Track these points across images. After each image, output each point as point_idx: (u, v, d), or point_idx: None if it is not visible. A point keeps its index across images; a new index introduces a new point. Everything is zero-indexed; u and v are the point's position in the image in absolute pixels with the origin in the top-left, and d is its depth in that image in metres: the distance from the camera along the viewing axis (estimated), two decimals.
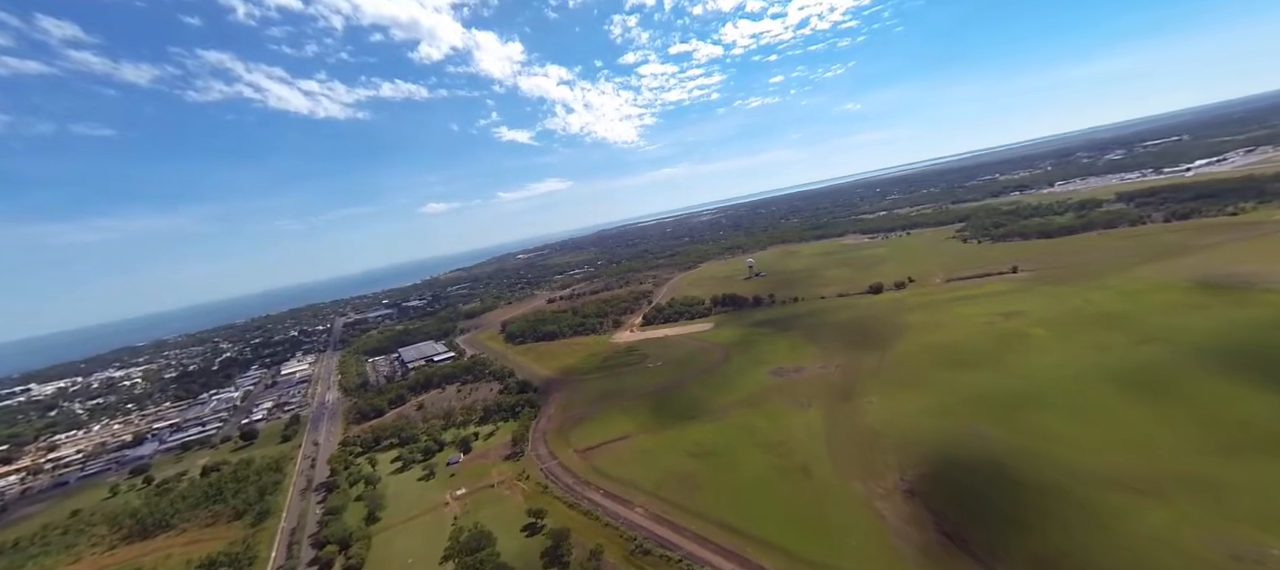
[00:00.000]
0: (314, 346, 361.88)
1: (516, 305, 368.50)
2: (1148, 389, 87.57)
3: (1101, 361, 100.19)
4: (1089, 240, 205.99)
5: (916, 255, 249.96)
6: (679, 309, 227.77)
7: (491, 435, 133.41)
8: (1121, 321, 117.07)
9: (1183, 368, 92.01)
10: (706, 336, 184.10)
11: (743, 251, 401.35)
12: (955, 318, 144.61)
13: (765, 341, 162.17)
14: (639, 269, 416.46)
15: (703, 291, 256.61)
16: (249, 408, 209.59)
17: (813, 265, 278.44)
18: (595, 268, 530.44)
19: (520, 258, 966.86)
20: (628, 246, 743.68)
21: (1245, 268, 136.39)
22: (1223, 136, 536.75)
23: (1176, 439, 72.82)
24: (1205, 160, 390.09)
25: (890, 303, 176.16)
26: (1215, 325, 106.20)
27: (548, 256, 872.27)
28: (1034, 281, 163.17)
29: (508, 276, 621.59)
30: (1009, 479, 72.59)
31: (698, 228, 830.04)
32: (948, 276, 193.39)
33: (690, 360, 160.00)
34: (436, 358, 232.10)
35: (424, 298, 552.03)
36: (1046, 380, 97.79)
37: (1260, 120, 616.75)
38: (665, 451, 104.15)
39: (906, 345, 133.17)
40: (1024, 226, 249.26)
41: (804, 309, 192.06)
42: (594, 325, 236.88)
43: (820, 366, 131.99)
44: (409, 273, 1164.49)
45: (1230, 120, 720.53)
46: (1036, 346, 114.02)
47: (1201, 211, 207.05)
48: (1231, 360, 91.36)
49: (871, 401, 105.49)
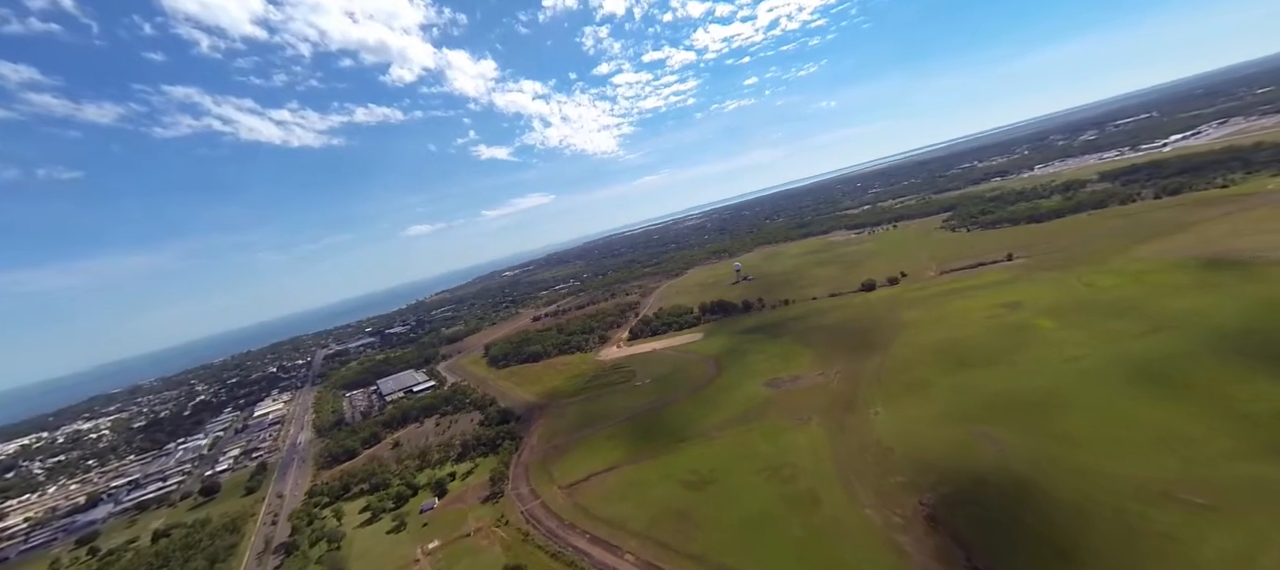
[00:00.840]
0: (292, 382, 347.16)
1: (501, 325, 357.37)
2: (1171, 382, 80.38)
3: (1117, 353, 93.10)
4: (1080, 221, 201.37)
5: (906, 248, 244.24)
6: (667, 319, 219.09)
7: (470, 474, 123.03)
8: (1130, 307, 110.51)
9: (1203, 356, 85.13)
10: (696, 348, 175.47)
11: (729, 255, 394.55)
12: (955, 312, 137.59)
13: (758, 349, 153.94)
14: (625, 280, 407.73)
15: (690, 299, 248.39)
16: (216, 457, 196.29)
17: (801, 265, 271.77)
18: (581, 281, 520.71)
19: (506, 275, 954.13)
20: (614, 257, 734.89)
21: (1246, 242, 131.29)
22: (1193, 111, 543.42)
23: (1218, 439, 65.37)
24: (1181, 135, 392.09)
25: (885, 300, 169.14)
26: (1229, 306, 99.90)
27: (534, 272, 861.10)
28: (1031, 268, 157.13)
29: (493, 295, 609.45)
30: (1040, 497, 64.53)
31: (683, 234, 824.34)
32: (941, 268, 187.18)
33: (680, 375, 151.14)
34: (416, 388, 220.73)
35: (408, 323, 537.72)
36: (1062, 377, 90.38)
37: (1226, 93, 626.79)
38: (657, 482, 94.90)
39: (907, 345, 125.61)
40: (1012, 212, 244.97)
41: (795, 312, 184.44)
42: (579, 343, 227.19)
43: (818, 374, 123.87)
44: (394, 298, 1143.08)
45: (1195, 96, 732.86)
46: (1045, 340, 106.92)
47: (1191, 185, 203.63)
48: (1253, 344, 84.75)
49: (877, 412, 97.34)
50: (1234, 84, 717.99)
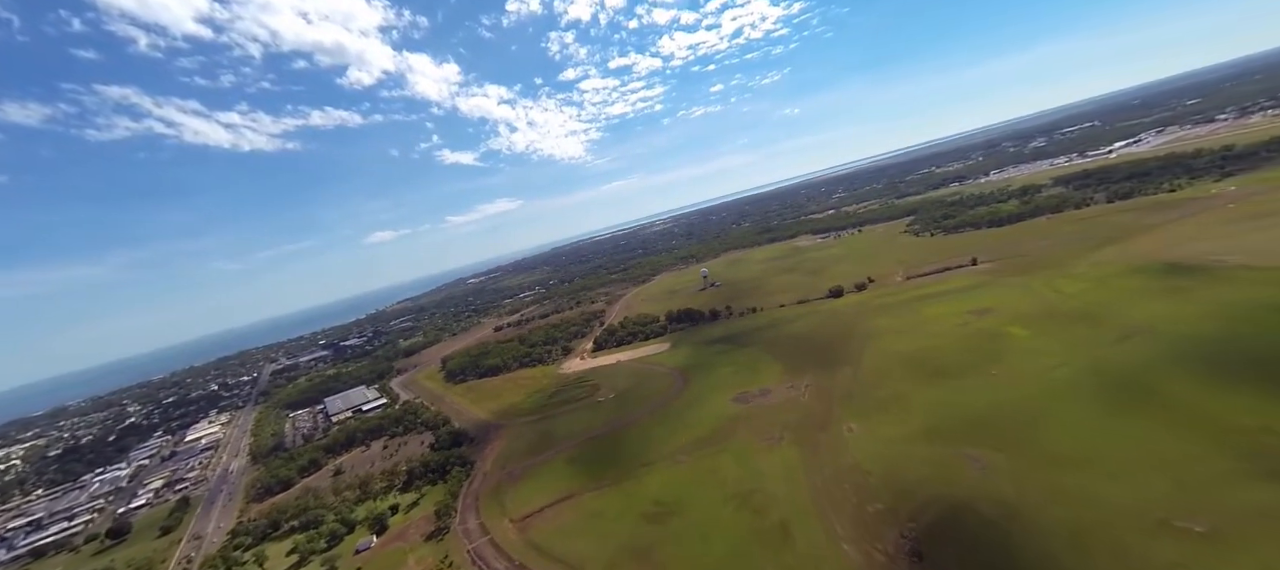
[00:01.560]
0: (233, 401, 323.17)
1: (461, 336, 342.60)
2: (1150, 395, 77.25)
3: (1092, 362, 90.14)
4: (1040, 225, 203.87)
5: (872, 252, 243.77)
6: (632, 329, 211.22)
7: (415, 505, 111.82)
8: (1098, 314, 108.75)
9: (1178, 365, 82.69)
10: (662, 359, 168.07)
11: (696, 261, 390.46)
12: (925, 319, 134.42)
13: (725, 361, 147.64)
14: (592, 287, 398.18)
15: (657, 307, 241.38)
16: (135, 490, 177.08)
17: (768, 271, 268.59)
18: (547, 288, 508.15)
19: (471, 282, 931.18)
20: (581, 263, 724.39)
21: (1201, 245, 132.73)
22: (1132, 120, 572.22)
23: (1208, 459, 61.56)
24: (1123, 142, 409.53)
25: (853, 306, 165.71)
26: (1194, 312, 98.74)
27: (499, 279, 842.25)
28: (997, 273, 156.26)
29: (456, 304, 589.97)
30: (1031, 526, 59.26)
31: (651, 239, 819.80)
32: (908, 273, 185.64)
33: (645, 389, 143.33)
34: (366, 407, 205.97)
35: (364, 335, 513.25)
36: (1039, 390, 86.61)
37: (1160, 104, 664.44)
38: (617, 515, 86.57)
39: (878, 355, 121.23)
40: (973, 216, 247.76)
41: (763, 320, 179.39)
42: (541, 354, 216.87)
43: (788, 387, 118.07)
44: (354, 307, 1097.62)
45: (1131, 106, 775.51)
46: (1018, 348, 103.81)
47: (1140, 190, 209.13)
48: (1226, 353, 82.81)
49: (851, 429, 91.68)
50: (1166, 96, 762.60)
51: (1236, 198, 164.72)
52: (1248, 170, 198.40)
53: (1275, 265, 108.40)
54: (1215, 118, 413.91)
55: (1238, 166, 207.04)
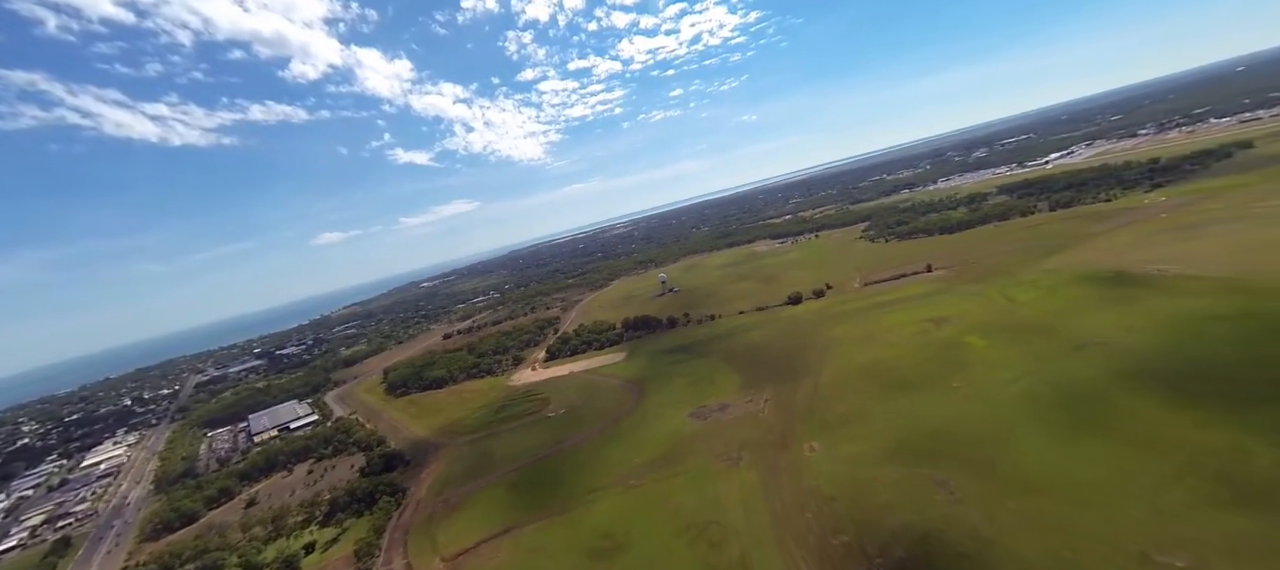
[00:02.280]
0: (147, 418, 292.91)
1: (408, 344, 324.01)
2: (1112, 411, 75.15)
3: (1052, 376, 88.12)
4: (988, 233, 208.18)
5: (829, 258, 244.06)
6: (587, 337, 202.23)
7: (334, 542, 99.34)
8: (1054, 324, 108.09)
9: (1135, 380, 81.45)
10: (617, 370, 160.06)
11: (655, 265, 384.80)
12: (884, 328, 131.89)
13: (682, 372, 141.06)
14: (548, 292, 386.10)
15: (613, 314, 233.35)
16: (8, 528, 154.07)
17: (727, 277, 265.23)
18: (502, 293, 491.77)
19: (424, 286, 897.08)
20: (539, 267, 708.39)
21: (1143, 254, 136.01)
22: (1063, 134, 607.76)
23: (1181, 482, 58.72)
24: (1058, 154, 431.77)
25: (812, 314, 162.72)
26: (1145, 322, 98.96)
27: (454, 283, 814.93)
28: (952, 280, 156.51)
29: (406, 309, 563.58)
30: (1006, 560, 54.52)
31: (610, 242, 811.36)
32: (865, 279, 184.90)
33: (598, 404, 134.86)
34: (294, 424, 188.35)
35: (304, 343, 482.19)
36: (1002, 405, 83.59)
37: (1087, 119, 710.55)
38: (561, 550, 77.82)
39: (839, 365, 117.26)
40: (926, 223, 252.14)
41: (722, 328, 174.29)
42: (490, 365, 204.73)
43: (747, 401, 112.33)
44: (298, 312, 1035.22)
45: (1062, 121, 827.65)
46: (977, 359, 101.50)
47: (1079, 199, 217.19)
48: (1179, 366, 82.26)
49: (813, 449, 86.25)
50: (1093, 112, 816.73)
51: (1168, 208, 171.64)
52: (1174, 182, 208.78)
53: (1211, 275, 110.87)
54: (1137, 133, 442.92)
55: (1165, 178, 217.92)
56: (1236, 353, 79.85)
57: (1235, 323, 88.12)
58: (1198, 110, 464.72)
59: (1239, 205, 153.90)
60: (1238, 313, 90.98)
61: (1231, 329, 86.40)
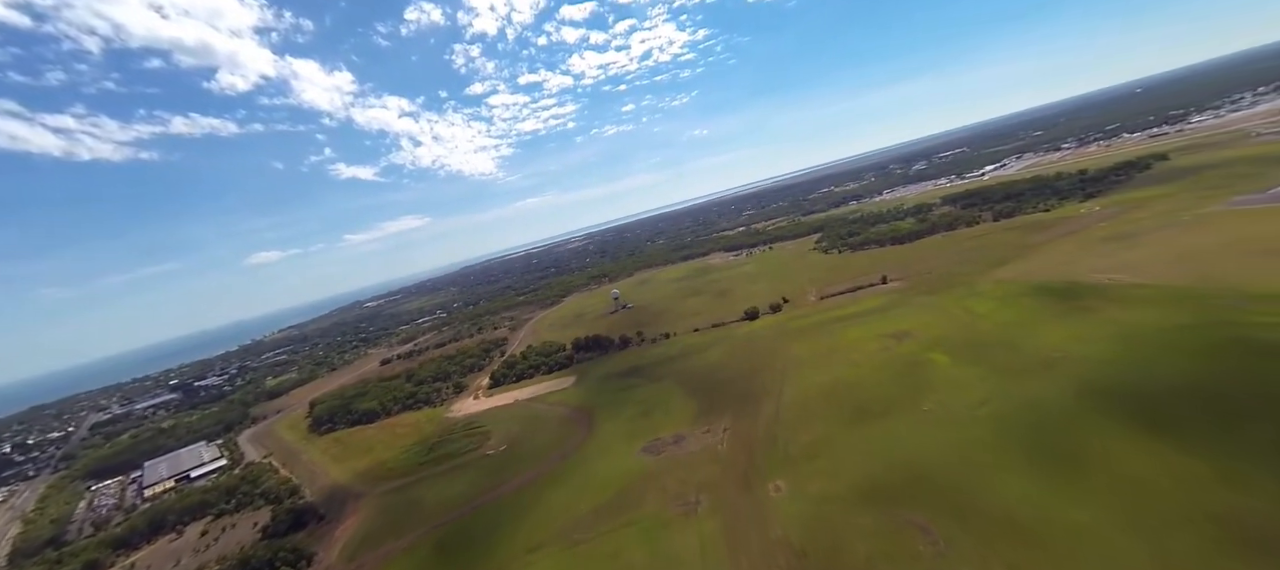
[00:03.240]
0: (25, 469, 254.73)
1: (342, 371, 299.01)
2: (1089, 436, 70.30)
3: (1022, 397, 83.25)
4: (938, 243, 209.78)
5: (784, 270, 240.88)
6: (535, 360, 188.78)
7: None
8: (1015, 339, 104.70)
9: (1108, 400, 77.60)
10: (565, 397, 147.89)
11: (609, 279, 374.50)
12: (844, 344, 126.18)
13: (634, 399, 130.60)
14: (497, 310, 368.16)
15: (564, 334, 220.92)
16: None
17: (681, 291, 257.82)
18: (449, 312, 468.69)
19: (368, 306, 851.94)
20: (490, 283, 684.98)
21: (1090, 262, 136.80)
22: (994, 147, 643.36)
23: (1181, 527, 52.96)
24: (992, 166, 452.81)
25: (770, 330, 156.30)
26: (1106, 334, 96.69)
27: (400, 302, 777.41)
28: (908, 292, 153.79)
29: (344, 332, 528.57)
30: None
31: (564, 257, 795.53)
32: (821, 292, 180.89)
33: (541, 438, 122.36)
34: (197, 472, 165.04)
35: (227, 372, 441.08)
36: (977, 432, 77.61)
37: (1012, 135, 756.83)
38: None
39: (800, 387, 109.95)
40: (877, 233, 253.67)
41: (676, 348, 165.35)
42: (429, 394, 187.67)
43: (703, 431, 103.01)
44: (227, 337, 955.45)
45: (990, 136, 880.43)
46: (943, 378, 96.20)
47: (1020, 209, 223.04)
48: (1148, 383, 79.07)
49: (778, 489, 77.42)
50: (1017, 128, 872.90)
51: (1103, 218, 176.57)
52: (1104, 192, 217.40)
53: (1160, 283, 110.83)
54: (1060, 146, 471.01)
55: (1095, 188, 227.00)
56: (1204, 367, 77.08)
57: (1197, 333, 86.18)
58: (1110, 126, 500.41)
59: (1167, 214, 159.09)
60: (1196, 323, 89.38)
61: (1195, 340, 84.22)
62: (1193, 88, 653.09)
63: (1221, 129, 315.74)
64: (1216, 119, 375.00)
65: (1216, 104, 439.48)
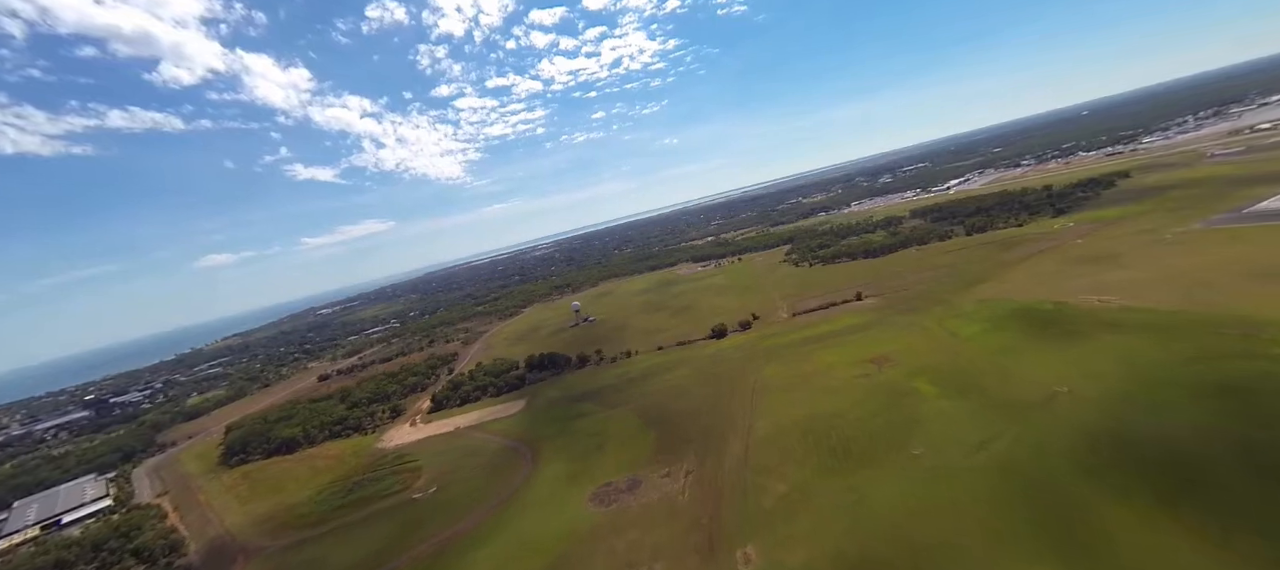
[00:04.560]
0: None
1: (276, 388, 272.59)
2: (1105, 497, 59.18)
3: (1027, 440, 72.22)
4: (911, 257, 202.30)
5: (754, 283, 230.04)
6: (483, 380, 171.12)
7: None
8: (1007, 366, 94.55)
9: (1122, 446, 67.24)
10: (510, 426, 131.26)
11: (573, 290, 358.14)
12: (820, 368, 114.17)
13: (586, 429, 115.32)
14: (453, 321, 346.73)
15: (519, 349, 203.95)
16: None
17: (646, 304, 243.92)
18: (404, 321, 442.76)
19: (322, 313, 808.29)
20: (451, 291, 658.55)
21: (1075, 283, 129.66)
22: (955, 163, 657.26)
23: None
24: (956, 181, 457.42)
25: (739, 350, 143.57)
26: (1112, 366, 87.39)
27: (356, 309, 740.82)
28: (885, 310, 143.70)
29: (288, 342, 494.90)
30: None
31: (530, 264, 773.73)
32: (793, 309, 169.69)
33: (477, 479, 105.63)
34: (70, 517, 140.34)
35: (152, 386, 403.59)
36: (974, 485, 65.74)
37: (972, 151, 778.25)
38: None
39: (772, 420, 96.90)
40: (848, 246, 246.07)
41: (637, 368, 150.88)
42: (362, 418, 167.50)
43: (662, 475, 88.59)
44: (167, 344, 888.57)
45: (950, 152, 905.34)
46: (932, 413, 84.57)
47: (992, 224, 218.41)
48: (1167, 426, 68.93)
49: (748, 558, 63.47)
50: (977, 144, 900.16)
51: (1079, 235, 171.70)
52: (1073, 209, 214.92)
53: (1155, 306, 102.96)
54: (1020, 163, 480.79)
55: (1063, 204, 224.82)
56: (1224, 409, 67.21)
57: (1207, 366, 76.92)
58: (1066, 145, 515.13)
59: (1146, 232, 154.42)
60: (1203, 354, 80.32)
61: (1207, 375, 74.79)
62: (1136, 111, 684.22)
63: (1174, 149, 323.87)
64: (1166, 140, 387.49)
65: (1164, 126, 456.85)
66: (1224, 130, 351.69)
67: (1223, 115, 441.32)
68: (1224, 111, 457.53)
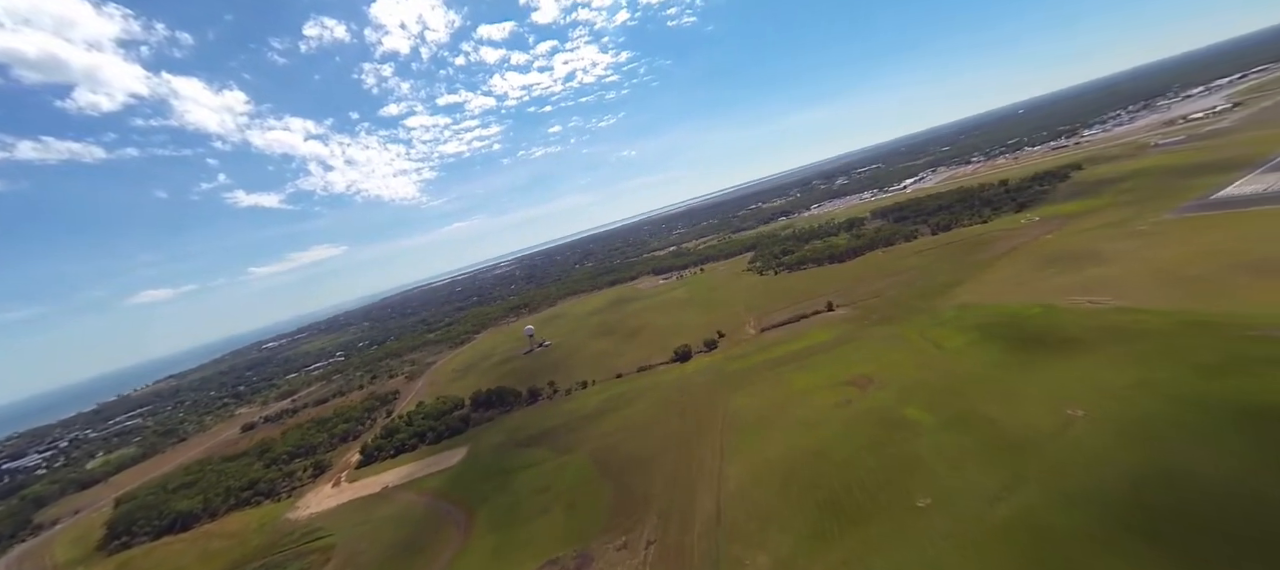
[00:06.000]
0: None
1: (192, 442, 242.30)
2: (1175, 551, 46.42)
3: (1052, 487, 59.80)
4: (878, 260, 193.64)
5: (718, 296, 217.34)
6: (421, 425, 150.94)
7: None
8: (1007, 384, 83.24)
9: (1174, 487, 55.27)
10: (445, 484, 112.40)
11: (530, 310, 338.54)
12: (796, 394, 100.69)
13: (532, 484, 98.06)
14: (401, 352, 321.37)
15: (466, 383, 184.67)
16: None
17: (605, 324, 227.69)
18: (351, 353, 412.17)
19: (267, 347, 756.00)
20: (406, 316, 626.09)
21: (1058, 282, 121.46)
22: (907, 163, 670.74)
23: None
24: (911, 180, 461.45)
25: (705, 375, 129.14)
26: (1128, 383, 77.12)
27: (303, 341, 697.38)
28: (860, 321, 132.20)
29: (226, 382, 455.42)
30: None
31: (489, 284, 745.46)
32: (761, 323, 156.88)
33: (397, 559, 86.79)
34: None
35: (56, 446, 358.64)
36: (1007, 553, 52.42)
37: (923, 150, 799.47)
38: None
39: (747, 465, 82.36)
40: (812, 251, 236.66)
41: (594, 401, 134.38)
42: (277, 480, 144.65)
43: (618, 546, 72.58)
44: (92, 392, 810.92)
45: (901, 153, 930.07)
46: (932, 451, 71.70)
47: (956, 221, 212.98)
48: (1223, 465, 57.25)
49: None
50: (925, 144, 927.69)
51: (1046, 230, 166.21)
52: (1033, 203, 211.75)
53: (1153, 307, 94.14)
54: (970, 160, 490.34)
55: (1023, 199, 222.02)
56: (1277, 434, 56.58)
57: (1239, 380, 66.74)
58: (1012, 140, 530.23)
59: (1115, 225, 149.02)
60: (1229, 365, 70.36)
61: (1242, 390, 64.44)
62: (1070, 108, 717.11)
63: (1116, 140, 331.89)
64: (1105, 132, 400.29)
65: (1101, 120, 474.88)
66: (1157, 121, 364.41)
67: (1151, 108, 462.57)
68: (1152, 104, 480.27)
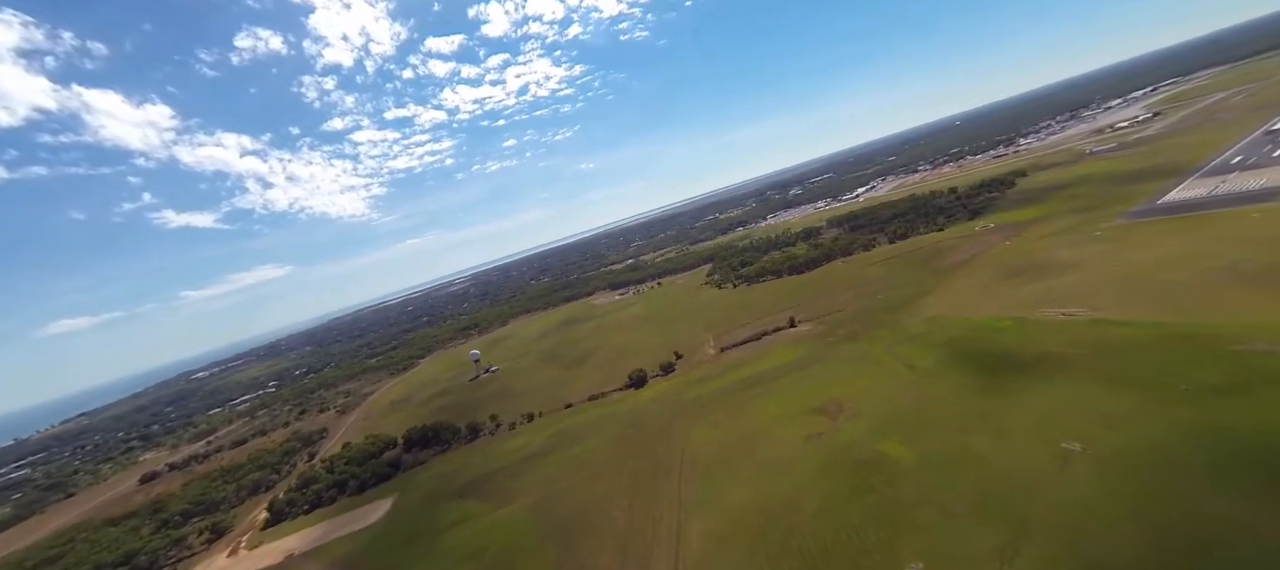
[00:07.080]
0: None
1: (78, 500, 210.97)
2: None
3: (1061, 536, 50.70)
4: (839, 271, 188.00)
5: (676, 312, 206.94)
6: (344, 472, 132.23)
7: None
8: (990, 411, 75.37)
9: (1198, 546, 46.50)
10: (359, 550, 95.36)
11: (480, 331, 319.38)
12: (761, 427, 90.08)
13: (463, 550, 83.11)
14: (338, 380, 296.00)
15: (400, 419, 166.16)
16: None
17: (556, 345, 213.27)
18: (285, 383, 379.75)
19: (196, 377, 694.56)
20: (351, 339, 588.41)
21: (1026, 292, 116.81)
22: (857, 172, 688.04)
23: None
24: (863, 188, 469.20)
25: (661, 404, 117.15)
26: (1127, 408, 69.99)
27: (237, 369, 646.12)
28: (825, 337, 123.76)
29: (140, 420, 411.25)
30: None
31: (442, 302, 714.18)
32: (721, 343, 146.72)
33: None
34: None
35: None
36: None
37: (869, 161, 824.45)
38: None
39: (711, 526, 70.62)
40: (771, 262, 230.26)
41: (539, 439, 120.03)
42: (163, 549, 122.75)
43: None
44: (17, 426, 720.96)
45: (849, 163, 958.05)
46: (918, 496, 62.06)
47: (913, 229, 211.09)
48: (1232, 491, 49.66)
49: None
50: (872, 155, 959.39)
51: (1003, 237, 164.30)
52: (986, 209, 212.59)
53: (1133, 319, 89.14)
54: (917, 168, 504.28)
55: (974, 205, 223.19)
56: None
57: (1247, 399, 60.23)
58: (954, 149, 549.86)
59: (1071, 231, 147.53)
60: (1231, 384, 64.08)
61: (1256, 413, 57.73)
62: (1001, 119, 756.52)
63: (1052, 148, 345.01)
64: (1041, 140, 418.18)
65: (1035, 129, 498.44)
66: (1087, 130, 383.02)
67: (1077, 118, 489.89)
68: (1078, 115, 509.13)
